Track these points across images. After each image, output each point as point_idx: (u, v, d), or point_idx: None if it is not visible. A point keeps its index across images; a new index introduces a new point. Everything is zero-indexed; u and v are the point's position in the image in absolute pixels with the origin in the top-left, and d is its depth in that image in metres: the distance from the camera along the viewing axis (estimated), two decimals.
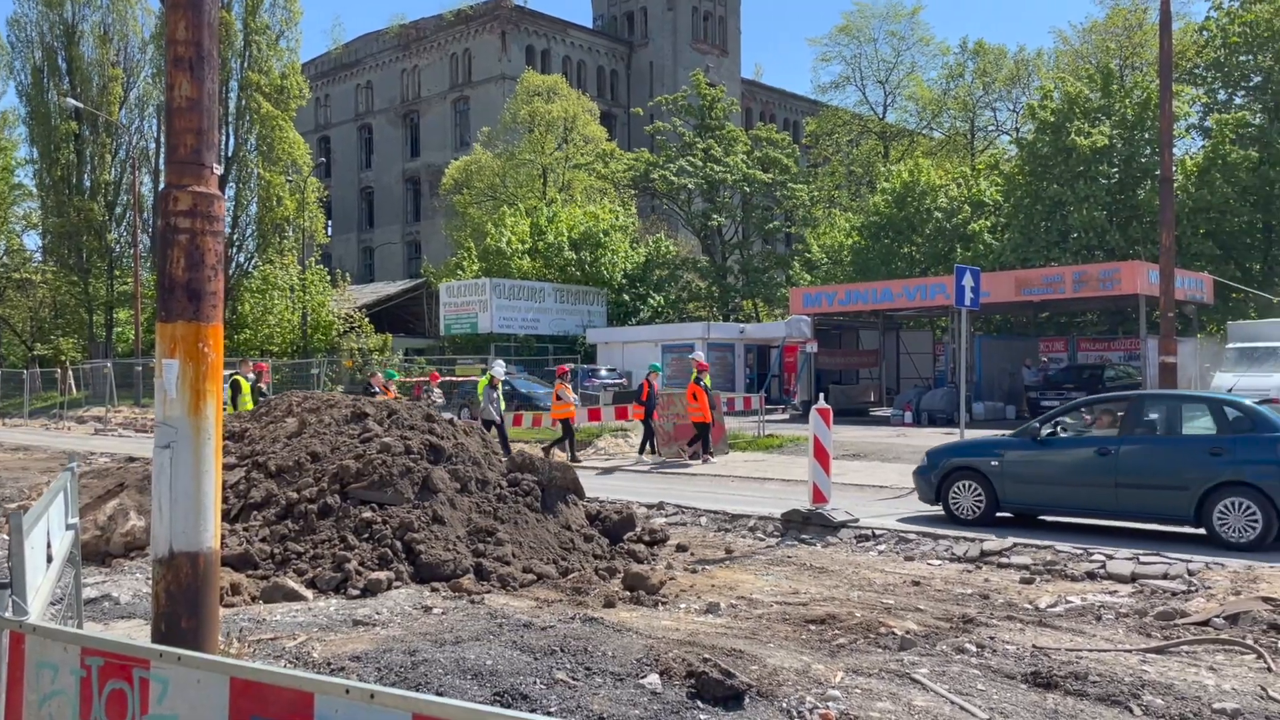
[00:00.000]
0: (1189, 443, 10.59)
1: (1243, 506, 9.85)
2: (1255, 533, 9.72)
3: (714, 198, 48.18)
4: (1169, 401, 11.46)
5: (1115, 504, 10.73)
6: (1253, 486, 9.80)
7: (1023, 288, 28.65)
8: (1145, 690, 5.50)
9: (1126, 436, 11.04)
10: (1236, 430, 10.35)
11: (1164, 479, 10.42)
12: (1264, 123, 37.08)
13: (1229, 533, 9.88)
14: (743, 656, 5.99)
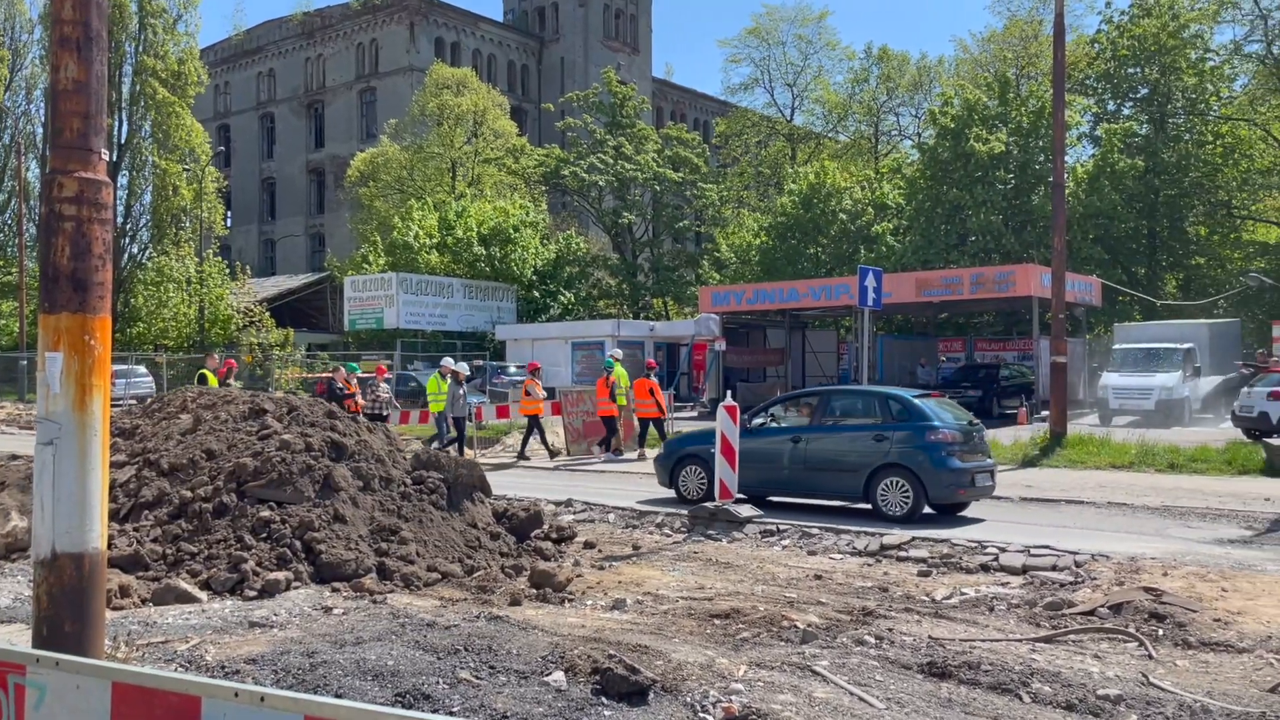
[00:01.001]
0: (860, 431, 12.23)
1: (899, 485, 11.60)
2: (908, 507, 11.47)
3: (625, 195, 48.27)
4: (849, 396, 13.51)
5: (806, 484, 12.46)
6: (905, 468, 11.53)
7: (923, 289, 29.42)
8: (1034, 678, 5.69)
9: (814, 426, 12.72)
10: (897, 420, 11.99)
11: (841, 463, 12.09)
12: (1149, 133, 38.82)
13: (888, 507, 11.59)
14: (648, 652, 6.00)
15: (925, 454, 11.51)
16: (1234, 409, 21.08)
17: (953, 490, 11.61)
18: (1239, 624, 7.01)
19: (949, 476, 11.48)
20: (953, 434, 11.73)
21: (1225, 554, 9.50)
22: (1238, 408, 20.67)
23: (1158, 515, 11.91)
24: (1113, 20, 40.36)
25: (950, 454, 11.57)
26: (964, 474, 11.58)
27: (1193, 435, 20.68)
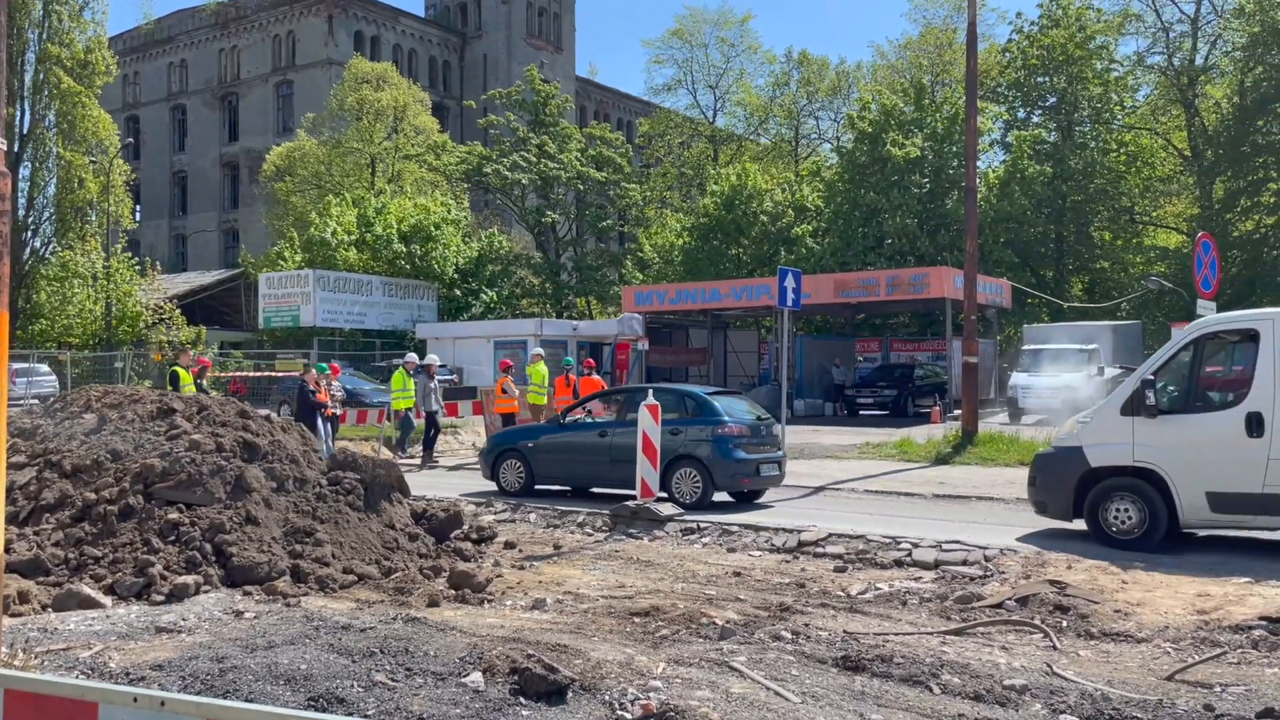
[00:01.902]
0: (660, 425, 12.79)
1: (690, 474, 12.66)
2: (698, 495, 12.52)
3: (548, 194, 48.09)
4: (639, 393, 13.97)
5: (612, 476, 13.27)
6: (696, 459, 12.62)
7: (841, 290, 29.93)
8: (944, 670, 5.84)
9: (619, 421, 13.71)
10: (692, 416, 13.07)
11: None
12: (1057, 140, 40.09)
13: (681, 495, 12.62)
14: (567, 651, 6.00)
15: (713, 446, 12.63)
16: None
17: (737, 479, 12.77)
18: (1138, 615, 7.29)
19: (734, 467, 12.62)
20: (740, 428, 12.88)
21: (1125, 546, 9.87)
22: None
23: None
24: (1023, 30, 41.57)
25: (736, 446, 12.70)
26: (749, 464, 12.71)
27: None
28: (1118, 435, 9.86)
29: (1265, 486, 9.12)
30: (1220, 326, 10.19)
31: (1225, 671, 5.96)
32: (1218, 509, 9.47)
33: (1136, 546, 9.55)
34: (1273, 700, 5.26)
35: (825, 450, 19.63)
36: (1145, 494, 9.70)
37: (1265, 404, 9.18)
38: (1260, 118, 37.33)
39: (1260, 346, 9.35)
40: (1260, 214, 39.15)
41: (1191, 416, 9.71)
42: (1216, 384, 10.05)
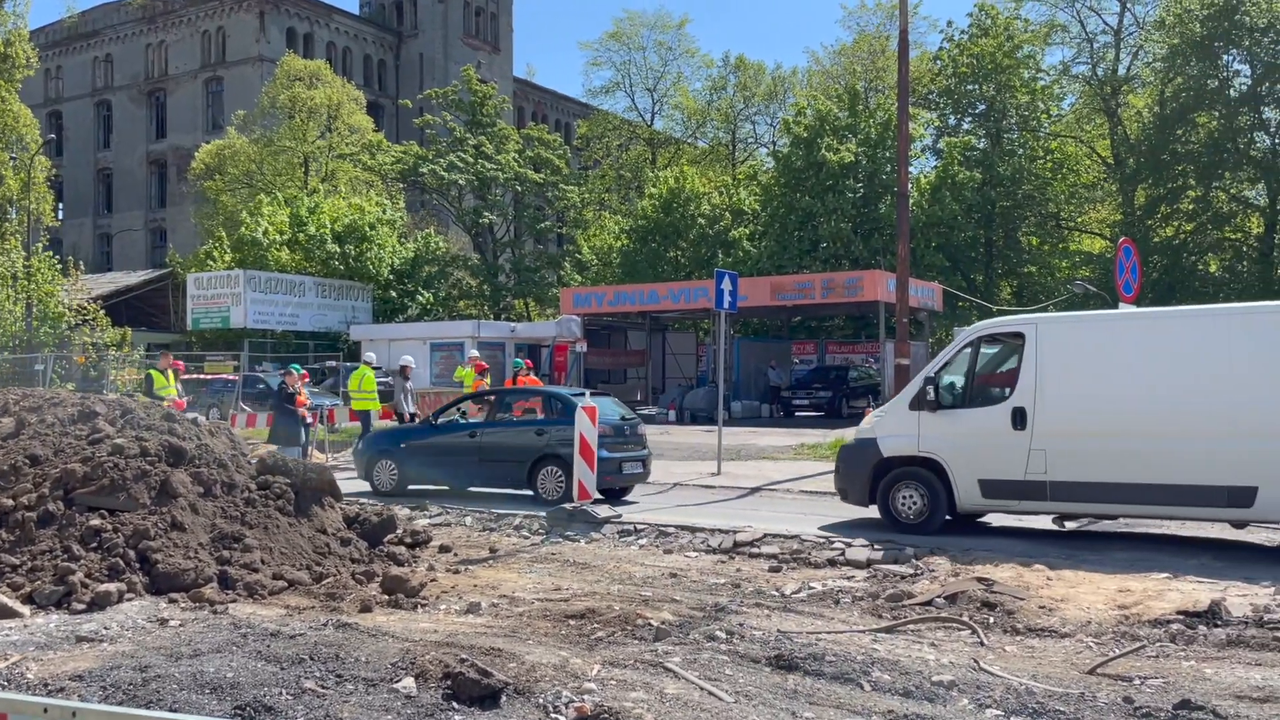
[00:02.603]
0: (525, 426, 13.96)
1: (555, 473, 13.19)
2: (562, 492, 12.91)
3: (485, 195, 47.76)
4: (519, 395, 14.92)
5: (481, 475, 13.91)
6: (560, 457, 13.01)
7: (777, 293, 30.23)
8: (875, 667, 5.93)
9: (488, 422, 14.29)
10: (558, 416, 13.56)
11: (510, 454, 13.60)
12: (987, 147, 40.96)
13: (545, 493, 13.20)
14: (501, 655, 5.97)
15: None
16: None
17: (599, 477, 12.89)
18: (1062, 610, 7.47)
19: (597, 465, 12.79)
20: (603, 428, 13.01)
21: (1050, 543, 10.13)
22: None
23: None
24: (953, 39, 42.39)
25: (600, 446, 12.80)
26: (611, 462, 13.07)
27: None
28: (906, 428, 10.82)
29: (1026, 474, 10.14)
30: (994, 330, 11.07)
31: (1144, 665, 6.14)
32: (988, 495, 10.50)
33: (919, 530, 10.53)
34: (1189, 692, 5.43)
35: (761, 451, 19.80)
36: (928, 481, 10.69)
37: (1028, 400, 10.18)
38: (1179, 127, 38.55)
39: (1025, 348, 10.35)
40: (1179, 220, 40.43)
41: (967, 411, 10.67)
42: (989, 381, 10.86)
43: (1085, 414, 10.04)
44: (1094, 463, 9.90)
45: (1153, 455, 9.66)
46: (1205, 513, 9.85)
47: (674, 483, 15.42)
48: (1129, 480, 9.78)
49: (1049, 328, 10.54)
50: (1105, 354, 10.19)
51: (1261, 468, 9.21)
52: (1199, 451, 9.48)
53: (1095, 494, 10.01)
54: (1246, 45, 37.61)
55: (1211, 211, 39.37)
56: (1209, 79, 38.51)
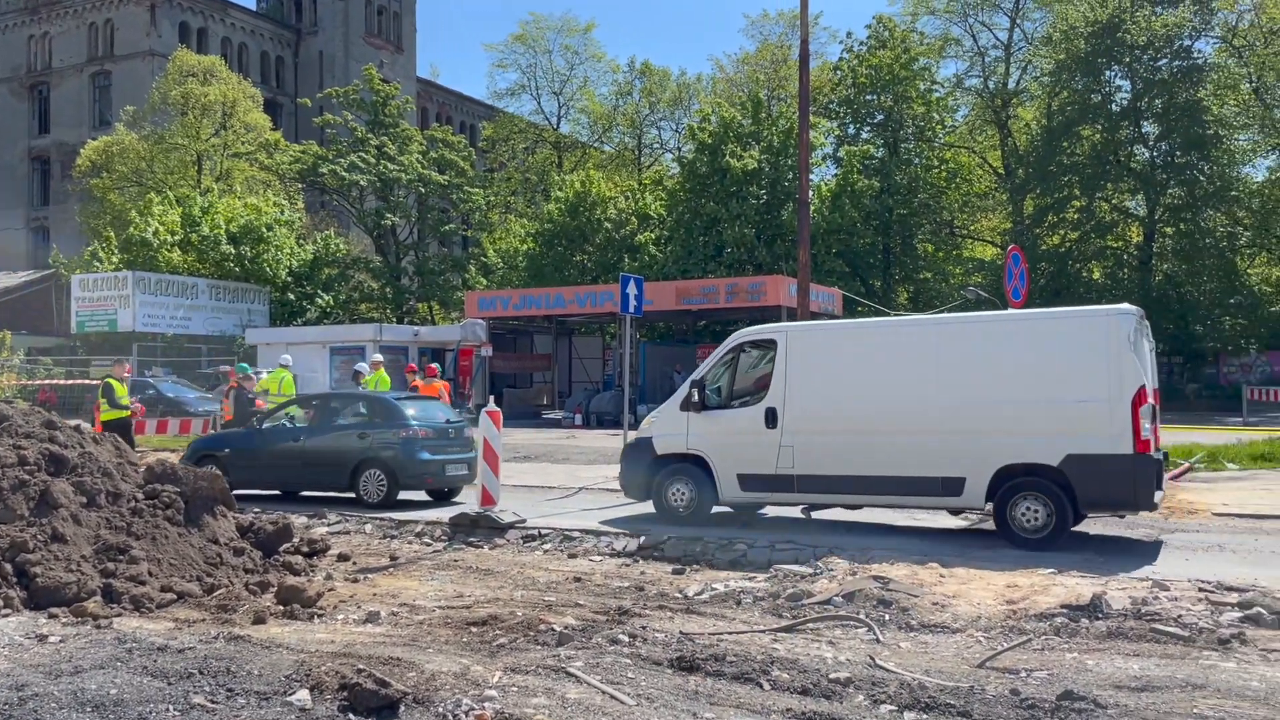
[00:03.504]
0: (348, 430, 14.09)
1: (376, 476, 13.55)
2: (383, 494, 13.42)
3: (388, 197, 47.00)
4: (343, 399, 15.17)
5: (305, 479, 14.18)
6: (381, 460, 13.52)
7: (683, 297, 30.49)
8: (774, 666, 6.01)
9: (313, 427, 14.40)
10: (380, 420, 13.99)
11: (332, 458, 13.86)
12: (885, 156, 42.04)
13: (368, 496, 13.52)
14: (400, 664, 5.87)
15: (397, 449, 13.53)
16: None
17: (421, 479, 13.72)
18: (954, 606, 7.69)
19: (418, 467, 13.55)
20: (425, 430, 13.83)
21: (945, 541, 10.43)
22: None
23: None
24: (853, 50, 43.42)
25: (421, 448, 13.62)
26: (433, 464, 13.64)
27: None
28: (677, 428, 11.64)
29: (777, 468, 11.06)
30: (752, 337, 11.91)
31: (1031, 658, 6.36)
32: (746, 488, 11.34)
33: (686, 522, 11.38)
34: (1072, 683, 5.64)
35: None
36: (695, 477, 11.54)
37: (778, 400, 11.12)
38: (1065, 140, 40.19)
39: (777, 354, 11.28)
40: (1065, 229, 42.14)
41: (728, 411, 11.56)
42: (748, 384, 11.71)
43: (825, 413, 11.02)
44: (833, 457, 10.90)
45: (881, 450, 10.67)
46: (927, 501, 10.89)
47: (579, 487, 15.39)
48: (863, 473, 10.79)
49: (797, 335, 11.55)
50: (842, 359, 11.23)
51: (967, 460, 10.28)
52: (918, 447, 10.50)
53: (835, 485, 11.03)
54: (1127, 62, 39.45)
55: (1095, 221, 41.15)
56: (1092, 94, 40.27)
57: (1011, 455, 10.15)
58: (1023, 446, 10.10)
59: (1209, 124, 38.31)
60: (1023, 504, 10.12)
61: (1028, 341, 10.47)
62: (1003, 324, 11.31)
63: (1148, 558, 9.71)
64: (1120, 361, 9.81)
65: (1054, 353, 10.20)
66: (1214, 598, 7.60)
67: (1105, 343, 9.92)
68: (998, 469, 10.17)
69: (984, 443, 10.23)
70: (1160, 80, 38.73)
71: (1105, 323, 10.11)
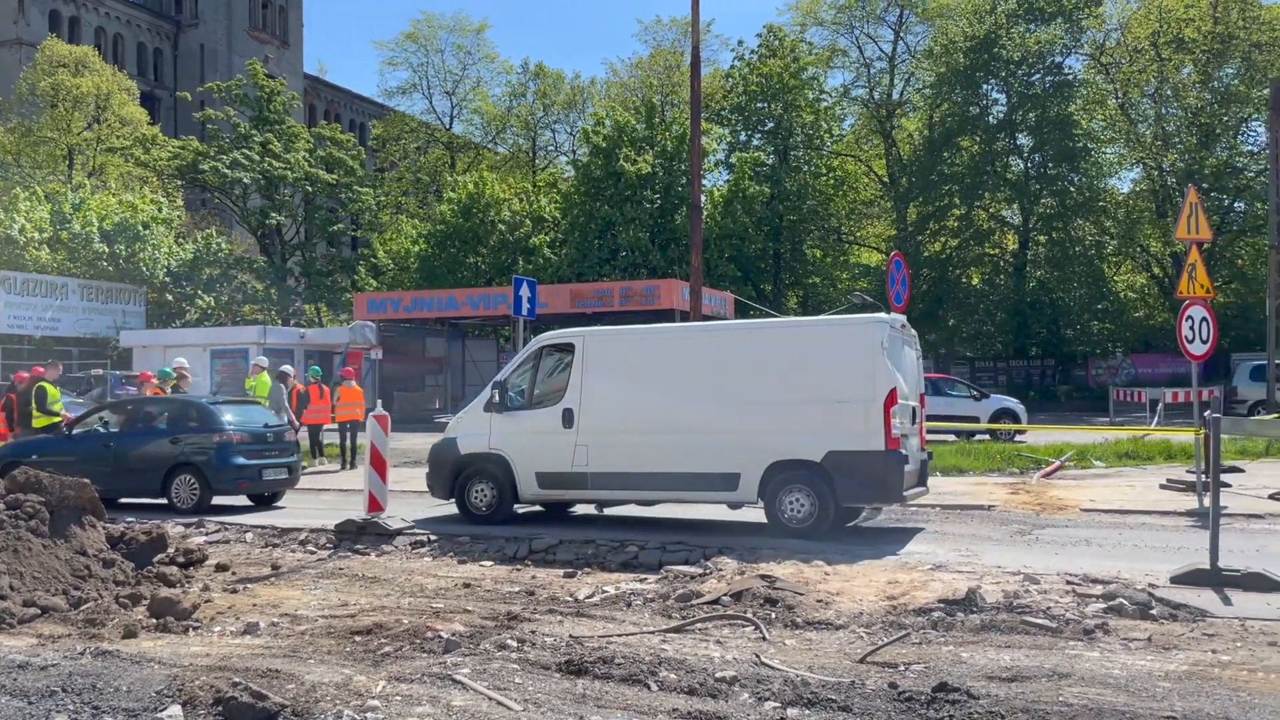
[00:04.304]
0: (160, 434, 14.02)
1: (189, 481, 13.51)
2: (195, 500, 13.42)
3: (273, 195, 45.69)
4: (158, 404, 15.07)
5: (116, 485, 13.52)
6: (194, 465, 13.55)
7: (577, 300, 30.48)
8: (662, 667, 6.05)
9: (124, 431, 14.31)
10: (194, 425, 13.96)
11: (143, 463, 13.81)
12: (775, 163, 42.82)
13: (180, 501, 13.47)
14: (279, 676, 5.70)
15: (210, 454, 13.55)
16: None
17: (235, 484, 13.72)
18: (837, 603, 7.87)
19: (232, 472, 13.59)
20: (241, 435, 13.81)
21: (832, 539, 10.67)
22: None
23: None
24: (744, 58, 44.13)
25: (235, 453, 13.63)
26: (249, 469, 13.70)
27: None
28: (480, 428, 12.03)
29: (573, 467, 11.56)
30: (553, 341, 12.32)
31: (909, 651, 6.55)
32: (544, 486, 11.80)
33: (488, 521, 11.76)
34: (947, 675, 5.83)
35: None
36: (496, 476, 11.93)
37: (575, 401, 11.62)
38: (946, 150, 41.65)
39: (575, 357, 11.80)
40: (946, 236, 43.67)
41: (529, 412, 11.98)
42: (547, 386, 12.13)
43: (617, 414, 11.52)
44: (624, 456, 11.43)
45: (667, 448, 11.26)
46: (708, 495, 11.45)
47: None
48: (650, 470, 11.33)
49: (593, 339, 12.00)
50: (633, 363, 11.78)
51: (742, 457, 10.95)
52: (699, 445, 11.14)
53: (625, 482, 11.54)
54: (1003, 76, 41.11)
55: (973, 229, 42.75)
56: (971, 106, 41.84)
57: (780, 452, 10.87)
58: (790, 444, 10.86)
59: (1078, 137, 40.22)
60: (789, 497, 10.85)
61: (795, 347, 11.29)
62: (774, 331, 12.33)
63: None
64: (875, 366, 10.63)
65: (818, 357, 11.01)
66: (1080, 590, 7.97)
67: (862, 349, 10.75)
68: (768, 464, 10.89)
69: (757, 440, 10.91)
70: (1034, 94, 40.48)
71: (862, 330, 11.00)
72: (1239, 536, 10.60)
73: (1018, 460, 17.76)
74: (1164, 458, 18.02)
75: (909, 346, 11.84)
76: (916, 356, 12.16)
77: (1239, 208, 40.15)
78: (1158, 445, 18.83)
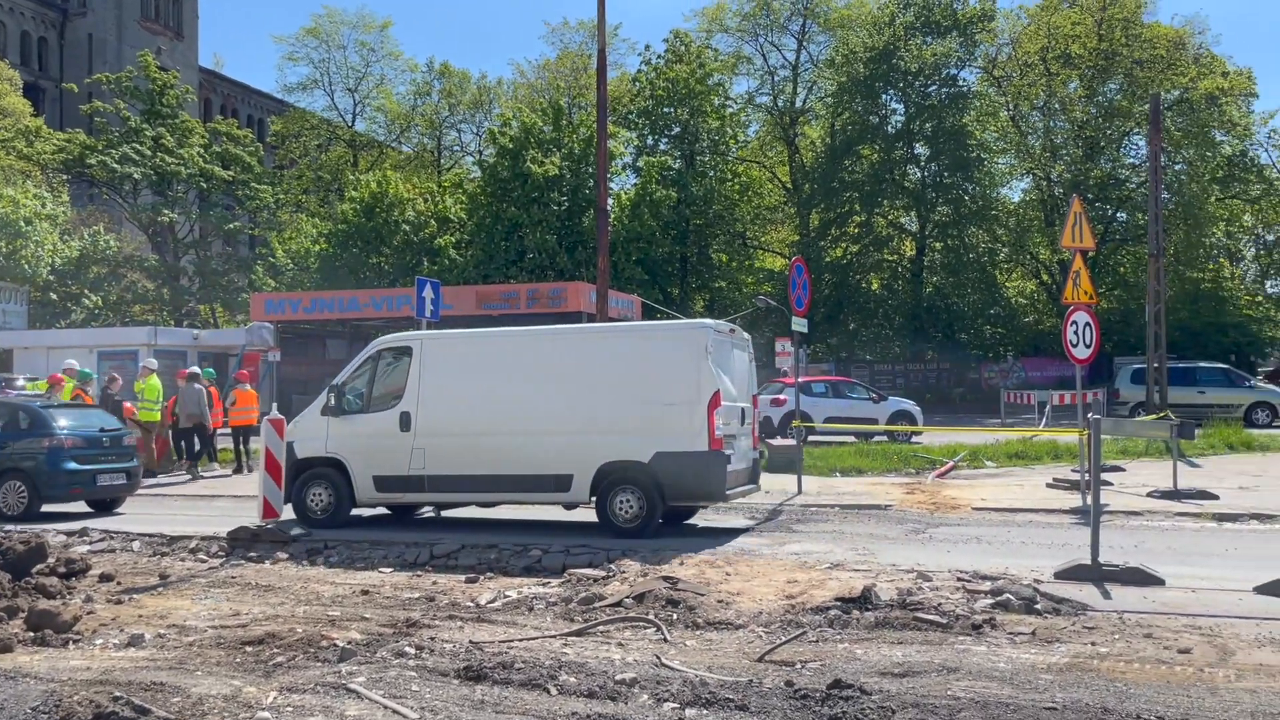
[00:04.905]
0: None
1: (16, 487, 13.35)
2: (23, 507, 13.22)
3: (165, 191, 44.13)
4: None
5: None
6: (22, 471, 13.34)
7: (483, 302, 30.17)
8: (563, 671, 6.03)
9: None
10: (23, 429, 13.63)
11: None
12: (682, 167, 43.17)
13: (7, 508, 13.26)
14: (164, 689, 5.52)
15: (40, 459, 13.31)
16: None
17: (66, 490, 13.53)
18: (737, 603, 7.97)
19: (63, 478, 13.38)
20: (74, 440, 13.59)
21: (732, 542, 10.80)
22: None
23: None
24: (651, 63, 44.37)
25: (67, 459, 13.42)
26: (81, 474, 13.51)
27: None
28: (317, 432, 12.02)
29: (410, 470, 11.63)
30: (390, 344, 12.35)
31: (806, 650, 6.67)
32: (380, 489, 11.85)
33: (326, 524, 11.76)
34: (841, 672, 5.96)
35: None
36: (334, 480, 11.97)
37: (412, 404, 11.70)
38: (847, 158, 42.57)
39: (412, 360, 11.87)
40: (847, 242, 44.63)
41: (366, 415, 12.00)
42: (385, 389, 12.14)
43: (454, 416, 11.62)
44: (460, 458, 11.52)
45: (503, 451, 11.40)
46: (543, 497, 11.64)
47: None
48: (486, 472, 11.46)
49: (430, 343, 12.10)
50: (470, 365, 11.90)
51: (575, 459, 11.19)
52: (534, 447, 11.32)
53: (462, 485, 11.66)
54: (901, 87, 42.24)
55: (873, 235, 43.79)
56: (871, 115, 42.86)
57: (611, 453, 11.12)
58: (620, 445, 11.11)
59: (972, 148, 41.57)
60: (619, 497, 11.11)
61: (626, 352, 11.55)
62: (606, 335, 12.55)
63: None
64: (699, 370, 10.94)
65: (647, 362, 11.31)
66: (970, 586, 8.23)
67: (688, 354, 11.07)
68: (600, 466, 11.12)
69: (589, 442, 11.16)
70: (930, 105, 41.69)
71: (688, 336, 11.33)
72: (1119, 533, 11.09)
73: (914, 461, 18.25)
74: (1051, 457, 18.73)
75: (740, 351, 12.22)
76: (749, 360, 12.52)
77: (1121, 218, 42.00)
78: (1045, 445, 19.56)
